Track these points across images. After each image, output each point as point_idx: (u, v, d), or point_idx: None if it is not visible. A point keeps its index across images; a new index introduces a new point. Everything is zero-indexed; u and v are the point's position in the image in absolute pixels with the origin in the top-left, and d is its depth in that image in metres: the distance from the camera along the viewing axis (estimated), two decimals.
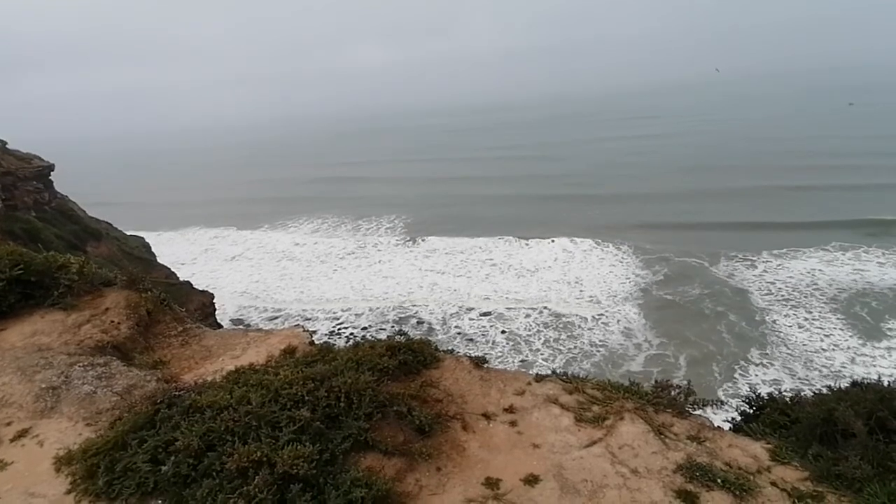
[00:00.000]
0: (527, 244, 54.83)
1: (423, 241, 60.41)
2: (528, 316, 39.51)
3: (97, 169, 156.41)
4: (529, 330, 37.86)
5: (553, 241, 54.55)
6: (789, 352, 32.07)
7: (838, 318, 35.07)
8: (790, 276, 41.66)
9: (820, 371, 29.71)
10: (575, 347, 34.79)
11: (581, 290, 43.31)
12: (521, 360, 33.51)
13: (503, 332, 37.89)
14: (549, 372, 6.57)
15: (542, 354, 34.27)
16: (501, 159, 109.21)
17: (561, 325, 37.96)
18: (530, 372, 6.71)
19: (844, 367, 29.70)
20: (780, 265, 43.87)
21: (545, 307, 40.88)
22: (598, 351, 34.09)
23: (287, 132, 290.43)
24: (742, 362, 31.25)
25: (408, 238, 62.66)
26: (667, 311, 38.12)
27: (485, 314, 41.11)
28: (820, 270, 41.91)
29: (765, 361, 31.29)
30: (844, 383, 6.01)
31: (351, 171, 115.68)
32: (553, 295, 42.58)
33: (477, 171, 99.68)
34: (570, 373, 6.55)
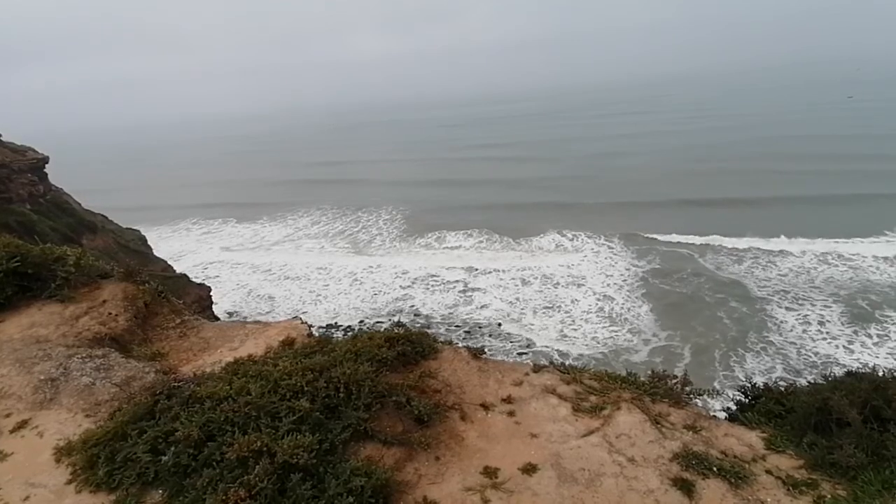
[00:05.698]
0: (523, 240, 54.93)
1: (422, 234, 60.42)
2: (534, 312, 39.52)
3: (93, 162, 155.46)
4: (531, 320, 38.01)
5: (546, 235, 54.94)
6: (784, 340, 32.40)
7: (836, 306, 35.47)
8: (781, 274, 41.83)
9: (814, 360, 30.01)
10: (579, 338, 34.95)
11: (583, 281, 43.46)
12: (521, 352, 33.65)
13: (499, 324, 38.03)
14: (547, 363, 6.60)
15: (545, 344, 34.41)
16: (497, 159, 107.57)
17: (564, 315, 38.12)
18: (529, 362, 6.74)
19: (840, 356, 30.03)
20: (769, 261, 44.06)
21: (546, 298, 41.06)
22: (604, 342, 34.24)
23: (285, 124, 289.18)
24: (741, 349, 31.62)
25: (407, 231, 62.62)
26: (669, 301, 38.53)
27: (484, 305, 41.25)
28: (814, 268, 42.10)
29: (760, 349, 31.63)
30: (839, 372, 6.06)
31: (349, 165, 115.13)
32: (561, 290, 42.47)
33: (474, 167, 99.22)
34: (567, 364, 6.58)
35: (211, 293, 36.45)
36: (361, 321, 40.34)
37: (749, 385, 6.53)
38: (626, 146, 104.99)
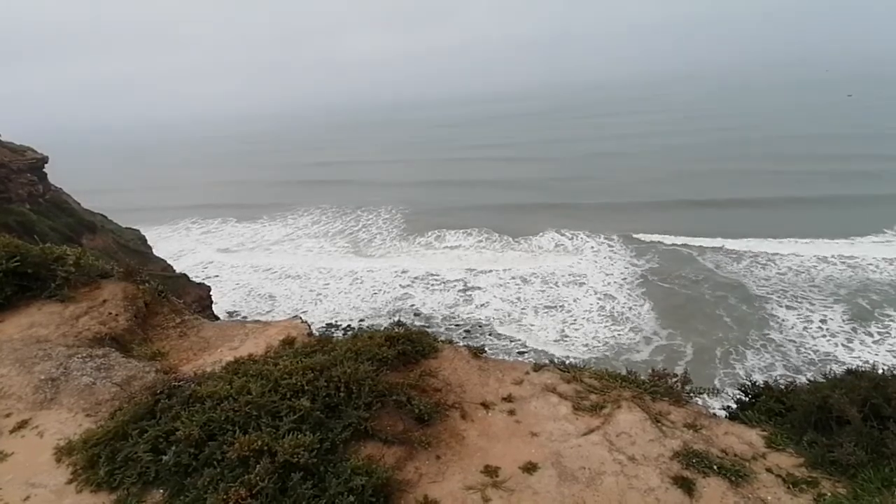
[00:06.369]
0: (522, 239, 54.96)
1: (422, 233, 60.43)
2: (535, 311, 39.49)
3: (92, 162, 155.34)
4: (531, 320, 38.00)
5: (546, 234, 54.96)
6: (784, 338, 32.43)
7: (836, 305, 35.47)
8: (780, 273, 41.80)
9: (813, 358, 30.03)
10: (580, 337, 34.95)
11: (584, 280, 43.47)
12: (521, 351, 33.65)
13: (499, 323, 38.02)
14: (547, 362, 6.60)
15: (546, 343, 34.41)
16: (497, 159, 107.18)
17: (565, 315, 38.12)
18: (529, 361, 6.74)
19: (840, 354, 30.05)
20: (768, 260, 44.02)
21: (547, 297, 41.06)
22: (605, 341, 34.26)
23: (285, 124, 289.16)
24: (741, 347, 31.66)
25: (407, 230, 62.63)
26: (670, 300, 38.57)
27: (484, 304, 41.24)
28: (813, 267, 42.06)
29: (760, 347, 31.67)
30: (839, 370, 6.06)
31: (349, 165, 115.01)
32: (562, 289, 42.46)
33: (474, 167, 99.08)
34: (568, 362, 6.58)
35: (211, 293, 36.49)
36: (361, 320, 40.36)
37: (749, 383, 6.52)
38: (625, 146, 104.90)
